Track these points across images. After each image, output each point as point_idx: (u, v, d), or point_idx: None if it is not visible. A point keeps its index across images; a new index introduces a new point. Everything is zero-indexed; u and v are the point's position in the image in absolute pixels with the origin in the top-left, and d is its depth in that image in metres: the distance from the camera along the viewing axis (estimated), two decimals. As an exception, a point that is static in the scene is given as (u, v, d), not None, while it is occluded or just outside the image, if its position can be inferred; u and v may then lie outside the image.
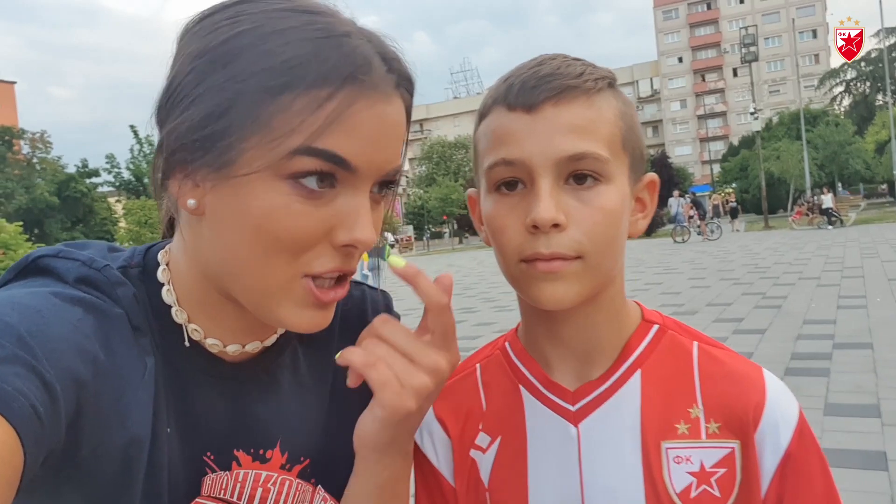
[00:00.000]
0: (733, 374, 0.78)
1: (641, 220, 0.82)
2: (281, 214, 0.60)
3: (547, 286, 0.72)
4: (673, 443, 0.75)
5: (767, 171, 39.93)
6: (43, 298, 0.59)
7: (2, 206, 41.74)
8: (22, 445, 0.48)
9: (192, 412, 0.70)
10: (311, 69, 0.59)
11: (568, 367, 0.81)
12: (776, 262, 15.15)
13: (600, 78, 0.75)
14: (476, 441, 0.84)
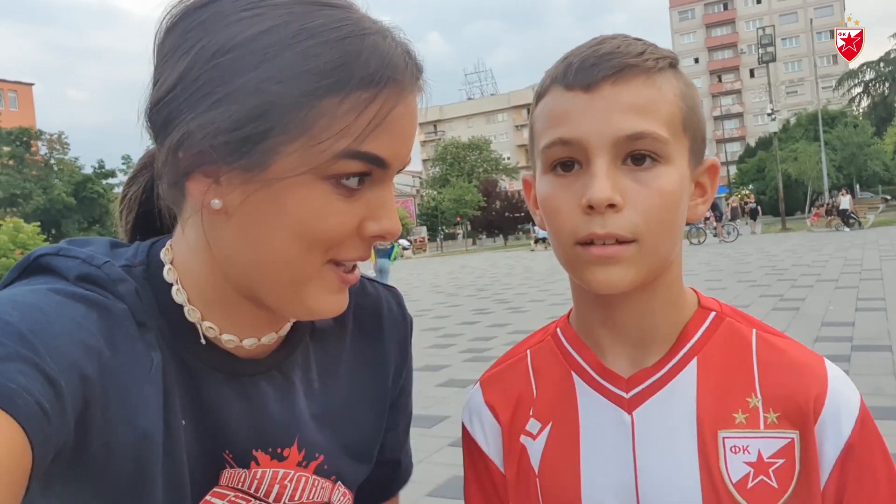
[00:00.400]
0: (794, 364, 0.76)
1: (701, 206, 0.79)
2: (322, 214, 0.61)
3: (602, 270, 0.71)
4: (730, 432, 0.74)
5: (785, 173, 39.65)
6: (43, 296, 0.59)
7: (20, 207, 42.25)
8: (29, 442, 0.48)
9: (207, 408, 0.70)
10: (355, 72, 0.59)
11: (622, 353, 0.79)
12: (794, 265, 15.01)
13: (661, 57, 0.73)
14: (526, 427, 0.83)
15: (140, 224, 0.80)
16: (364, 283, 0.88)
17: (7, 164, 43.57)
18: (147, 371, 0.64)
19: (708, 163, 0.79)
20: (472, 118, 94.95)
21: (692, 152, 0.75)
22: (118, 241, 0.75)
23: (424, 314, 12.26)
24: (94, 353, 0.58)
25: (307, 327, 0.80)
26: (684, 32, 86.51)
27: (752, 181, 51.77)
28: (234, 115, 0.58)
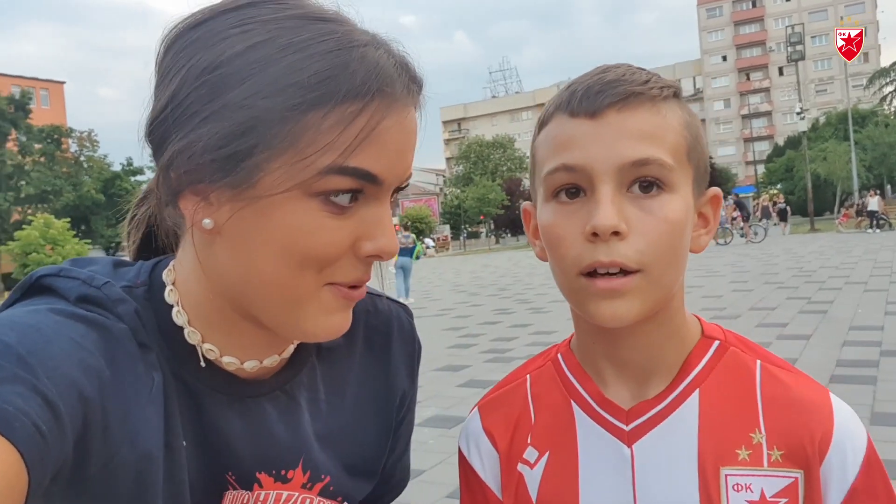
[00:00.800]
0: (799, 401, 0.74)
1: (704, 236, 0.78)
2: (311, 231, 0.60)
3: (607, 304, 0.69)
4: (733, 469, 0.72)
5: (814, 173, 39.01)
6: (43, 316, 0.59)
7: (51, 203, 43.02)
8: (26, 465, 0.48)
9: (209, 429, 0.69)
10: (341, 84, 0.58)
11: (623, 384, 0.78)
12: (822, 266, 14.78)
13: (665, 87, 0.73)
14: (524, 455, 0.81)
15: (146, 245, 0.80)
16: (375, 300, 0.86)
17: (38, 160, 44.40)
18: (148, 391, 0.63)
19: (710, 193, 0.78)
20: (497, 116, 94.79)
21: (696, 182, 0.74)
22: (121, 261, 0.75)
23: (446, 313, 12.26)
24: (94, 373, 0.58)
25: (313, 347, 0.79)
26: (712, 30, 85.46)
27: (780, 181, 51.04)
28: (220, 131, 0.58)
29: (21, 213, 43.17)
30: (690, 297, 11.42)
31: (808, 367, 6.07)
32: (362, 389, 0.82)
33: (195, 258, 0.66)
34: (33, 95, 47.50)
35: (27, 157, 44.07)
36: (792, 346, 6.90)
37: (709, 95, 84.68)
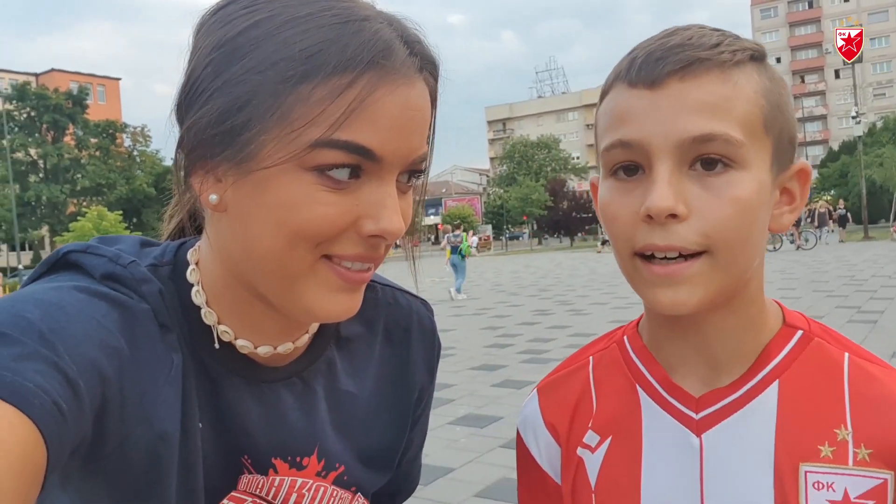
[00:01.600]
0: (892, 397, 0.67)
1: (788, 214, 0.71)
2: (305, 205, 0.59)
3: (666, 291, 0.64)
4: (813, 466, 0.66)
5: (869, 179, 37.85)
6: (66, 293, 0.59)
7: (105, 196, 44.36)
8: (45, 442, 0.48)
9: (226, 412, 0.70)
10: (331, 57, 0.57)
11: (693, 370, 0.73)
12: (874, 275, 14.30)
13: (740, 49, 0.65)
14: (584, 439, 0.78)
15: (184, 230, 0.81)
16: (397, 293, 0.86)
17: (94, 154, 45.86)
18: (167, 372, 0.64)
19: (797, 167, 0.71)
20: (542, 116, 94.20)
21: (776, 156, 0.67)
22: (148, 240, 0.75)
23: (484, 312, 12.24)
24: (114, 353, 0.58)
25: (332, 336, 0.79)
26: (766, 31, 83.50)
27: (833, 186, 49.68)
28: (221, 107, 0.59)
29: (76, 205, 44.66)
30: (735, 303, 11.20)
31: (854, 378, 5.91)
32: (381, 382, 0.82)
33: (208, 237, 0.68)
34: (90, 91, 49.11)
35: (83, 151, 45.60)
36: (838, 356, 6.69)
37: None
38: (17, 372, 0.49)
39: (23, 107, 44.31)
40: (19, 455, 0.46)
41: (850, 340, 0.74)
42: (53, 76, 54.70)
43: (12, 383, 0.48)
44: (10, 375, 0.49)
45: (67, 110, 44.75)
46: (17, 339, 0.52)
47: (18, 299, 0.57)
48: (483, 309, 12.86)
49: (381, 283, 0.86)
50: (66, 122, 44.85)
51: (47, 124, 44.63)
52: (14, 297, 0.58)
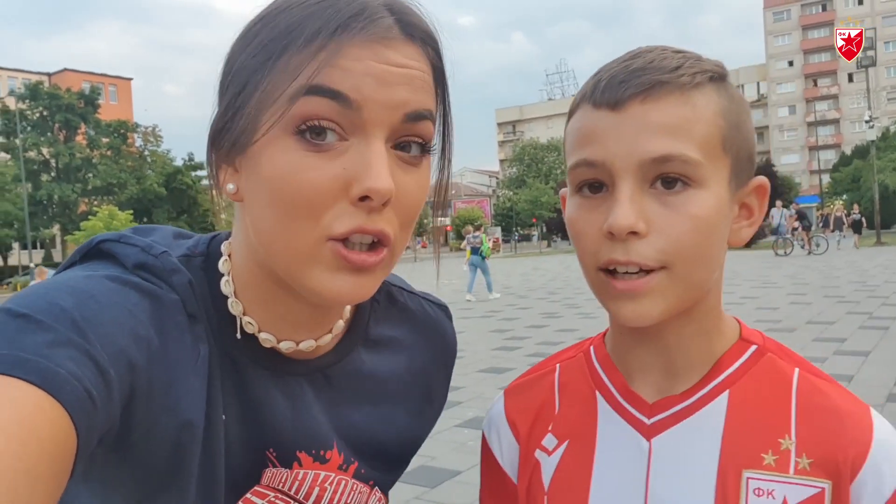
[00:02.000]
0: (836, 410, 0.70)
1: (746, 229, 0.75)
2: (292, 171, 0.59)
3: (628, 304, 0.67)
4: (756, 473, 0.68)
5: (882, 184, 37.62)
6: (98, 282, 0.61)
7: (115, 196, 44.60)
8: (75, 429, 0.49)
9: (253, 404, 0.70)
10: (307, 27, 0.60)
11: (650, 378, 0.76)
12: (886, 281, 14.18)
13: (700, 72, 0.68)
14: (542, 442, 0.80)
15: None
16: (423, 301, 0.89)
17: (105, 154, 46.11)
18: (193, 363, 0.65)
19: (755, 183, 0.74)
20: (552, 119, 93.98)
21: (735, 173, 0.70)
22: (182, 232, 0.77)
23: (493, 315, 12.22)
24: (144, 342, 0.60)
25: (361, 337, 0.80)
26: (778, 34, 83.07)
27: (846, 191, 49.33)
28: (227, 98, 0.63)
29: (87, 204, 44.93)
30: (745, 308, 11.14)
31: (865, 385, 5.86)
32: (403, 384, 0.84)
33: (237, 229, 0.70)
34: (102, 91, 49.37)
35: (95, 151, 45.85)
36: (849, 362, 6.63)
37: (773, 101, 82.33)
38: (50, 358, 0.50)
39: (35, 106, 44.62)
40: (52, 441, 0.47)
41: (803, 358, 0.76)
42: (66, 76, 55.09)
43: (46, 370, 0.49)
44: (44, 362, 0.50)
45: (79, 110, 45.03)
46: (51, 326, 0.53)
47: (52, 287, 0.58)
48: (492, 311, 12.84)
49: (408, 290, 0.89)
50: (77, 122, 45.12)
51: (59, 124, 44.92)
52: (48, 284, 0.59)
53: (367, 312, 0.82)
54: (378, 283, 0.66)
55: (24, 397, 0.47)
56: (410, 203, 0.64)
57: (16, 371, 0.48)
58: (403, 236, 0.65)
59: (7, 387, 0.47)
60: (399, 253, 0.67)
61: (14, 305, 0.54)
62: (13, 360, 0.49)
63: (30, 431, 0.46)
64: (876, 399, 5.33)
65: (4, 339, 0.51)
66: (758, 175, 0.74)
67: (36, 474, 0.45)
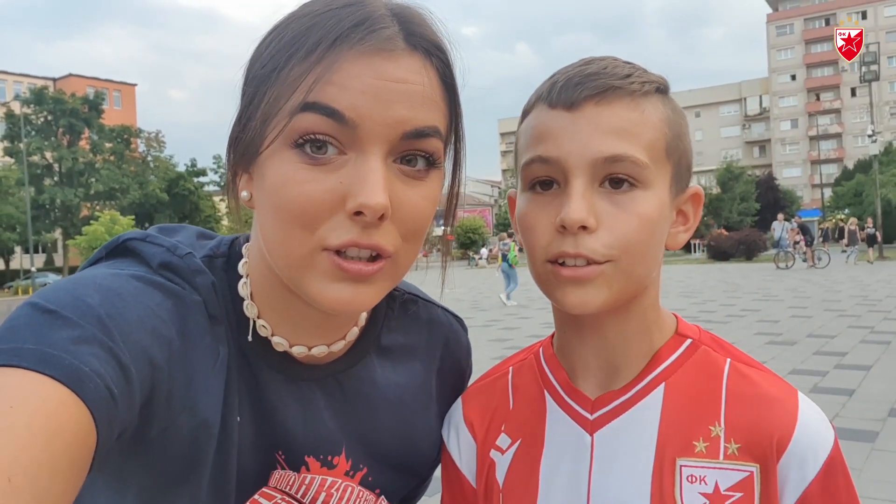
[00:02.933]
0: (763, 396, 0.73)
1: (682, 234, 0.79)
2: (289, 182, 0.60)
3: (574, 290, 0.70)
4: (688, 460, 0.72)
5: (884, 199, 37.61)
6: (124, 281, 0.62)
7: (118, 200, 44.65)
8: (95, 425, 0.50)
9: (266, 407, 0.71)
10: (309, 38, 0.60)
11: (592, 375, 0.79)
12: (888, 296, 14.14)
13: (648, 81, 0.73)
14: (497, 441, 0.83)
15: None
16: (438, 311, 0.89)
17: (108, 159, 46.19)
18: (213, 364, 0.66)
19: (692, 191, 0.78)
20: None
21: (675, 179, 0.74)
22: (205, 232, 0.78)
23: (493, 325, 12.19)
24: (165, 342, 0.61)
25: (373, 344, 0.80)
26: (781, 48, 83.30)
27: (847, 205, 49.31)
28: (240, 108, 0.65)
29: (90, 208, 44.98)
30: (745, 320, 11.12)
31: (867, 399, 5.83)
32: (417, 394, 0.84)
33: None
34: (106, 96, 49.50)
35: (98, 156, 45.94)
36: (851, 376, 6.60)
37: (775, 115, 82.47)
38: (75, 355, 0.51)
39: (40, 111, 44.77)
40: (74, 436, 0.48)
41: (738, 350, 0.79)
42: (71, 81, 55.31)
43: (70, 366, 0.50)
44: (69, 358, 0.51)
45: (83, 115, 45.16)
46: (77, 323, 0.54)
47: (80, 283, 0.59)
48: (492, 321, 12.81)
49: (424, 299, 0.89)
50: (81, 127, 45.24)
51: (63, 128, 45.04)
52: (75, 280, 0.60)
53: (381, 320, 0.82)
54: (380, 292, 0.65)
55: (48, 393, 0.48)
56: (413, 216, 0.64)
57: (42, 366, 0.49)
58: (409, 248, 0.65)
59: (33, 382, 0.48)
60: (406, 264, 0.67)
61: (42, 300, 0.55)
62: (40, 355, 0.50)
63: (54, 427, 0.46)
64: (878, 414, 5.30)
65: (32, 333, 0.52)
66: (759, 187, 0.76)
67: (57, 468, 0.46)
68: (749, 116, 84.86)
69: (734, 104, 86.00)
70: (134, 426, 0.57)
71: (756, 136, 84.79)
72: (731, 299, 14.56)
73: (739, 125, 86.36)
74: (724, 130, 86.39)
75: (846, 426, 4.96)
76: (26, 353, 0.50)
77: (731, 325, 10.67)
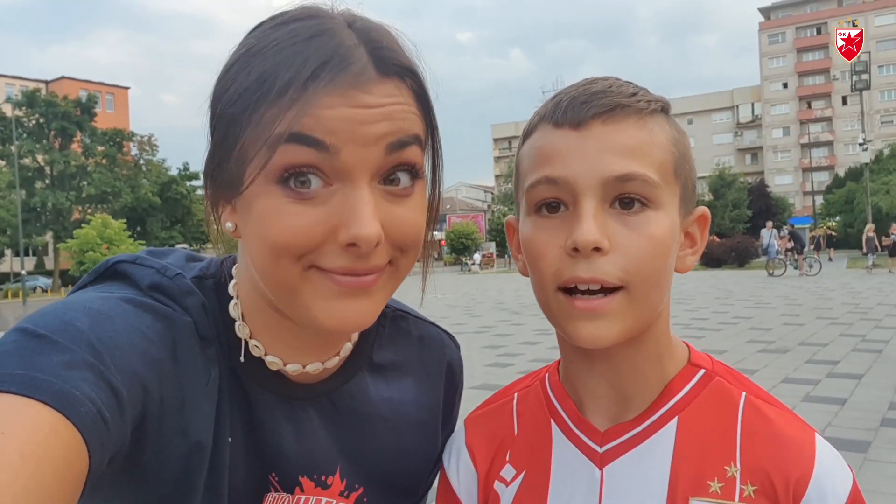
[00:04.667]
0: (780, 437, 0.70)
1: (690, 257, 0.76)
2: (275, 218, 0.60)
3: (587, 324, 0.67)
4: (702, 501, 0.69)
5: (875, 206, 37.78)
6: (114, 304, 0.62)
7: (110, 204, 44.47)
8: (87, 450, 0.50)
9: (258, 428, 0.71)
10: (279, 78, 0.59)
11: (602, 405, 0.76)
12: (880, 303, 14.20)
13: (653, 100, 0.71)
14: (501, 473, 0.80)
15: None
16: (429, 327, 0.89)
17: (100, 162, 46.01)
18: (204, 385, 0.66)
19: (698, 213, 0.76)
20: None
21: (683, 201, 0.72)
22: (195, 255, 0.78)
23: (486, 331, 12.16)
24: (156, 365, 0.61)
25: (365, 361, 0.80)
26: (773, 56, 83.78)
27: (839, 213, 49.56)
28: (214, 140, 0.64)
29: (81, 212, 44.75)
30: (738, 328, 11.13)
31: (858, 408, 5.83)
32: (410, 410, 0.83)
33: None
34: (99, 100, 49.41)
35: (90, 159, 45.79)
36: (842, 385, 6.61)
37: (767, 123, 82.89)
38: (65, 380, 0.51)
39: (32, 113, 44.55)
40: (65, 461, 0.48)
41: (751, 381, 0.77)
42: (63, 84, 55.06)
43: (61, 391, 0.50)
44: (60, 383, 0.50)
45: (76, 118, 44.96)
46: (67, 347, 0.53)
47: (69, 307, 0.59)
48: (485, 327, 12.78)
49: (414, 315, 0.88)
50: (73, 130, 45.03)
51: (55, 131, 44.83)
52: (65, 304, 0.60)
53: (372, 337, 0.81)
54: (380, 303, 0.65)
55: (40, 418, 0.48)
56: (406, 233, 0.64)
57: (33, 392, 0.49)
58: (406, 259, 0.66)
59: (24, 407, 0.48)
60: (406, 269, 0.67)
61: (31, 325, 0.55)
62: (30, 380, 0.50)
63: (45, 452, 0.46)
64: (870, 423, 5.30)
65: (22, 359, 0.51)
66: (751, 194, 0.75)
67: (49, 493, 0.46)
68: (741, 124, 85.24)
69: (726, 111, 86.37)
70: (126, 450, 0.57)
71: (748, 143, 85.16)
72: (723, 306, 14.58)
73: (731, 132, 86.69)
74: (716, 137, 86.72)
75: (838, 436, 4.95)
76: (16, 378, 0.50)
77: (723, 332, 10.68)
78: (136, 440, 0.58)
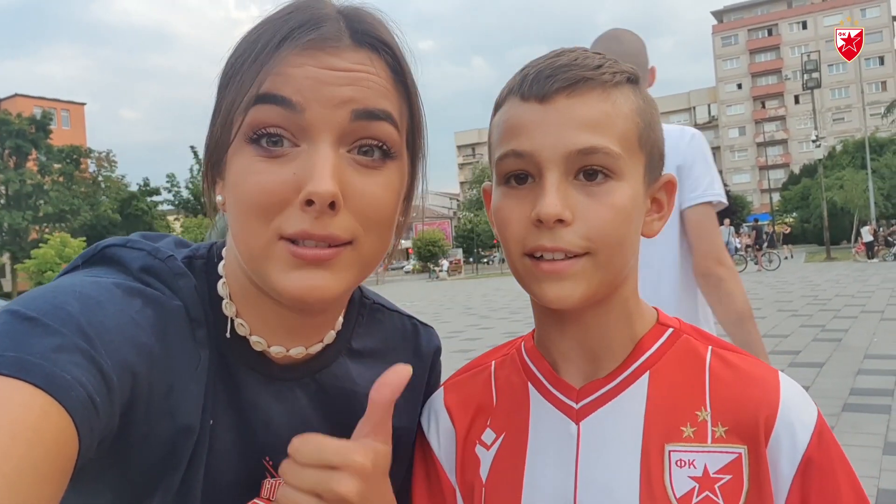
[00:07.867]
0: (746, 378, 0.74)
1: (657, 222, 0.79)
2: (246, 175, 0.62)
3: (553, 285, 0.71)
4: (676, 445, 0.72)
5: (830, 201, 38.82)
6: (104, 289, 0.62)
7: (68, 222, 43.48)
8: (77, 433, 0.50)
9: (249, 408, 0.71)
10: (258, 43, 0.64)
11: (576, 365, 0.79)
12: (837, 295, 14.60)
13: (619, 72, 0.73)
14: (482, 437, 0.83)
15: None
16: (403, 319, 0.91)
17: (57, 180, 44.97)
18: (193, 369, 0.66)
19: (664, 179, 0.78)
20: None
21: (648, 168, 0.75)
22: (184, 241, 0.79)
23: (455, 336, 12.19)
24: (146, 350, 0.61)
25: (343, 346, 0.81)
26: (727, 58, 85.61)
27: (795, 209, 50.79)
28: (212, 116, 0.67)
29: (38, 231, 43.67)
30: (703, 323, 11.31)
31: (820, 395, 5.99)
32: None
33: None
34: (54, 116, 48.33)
35: (46, 177, 44.68)
36: (804, 374, 6.79)
37: (724, 123, 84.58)
38: (56, 363, 0.51)
39: (-16, 132, 43.45)
40: (56, 444, 0.48)
41: (717, 338, 0.80)
42: (17, 101, 53.77)
43: (51, 374, 0.50)
44: (50, 366, 0.51)
45: (30, 136, 43.91)
46: (58, 331, 0.54)
47: (59, 291, 0.59)
48: (454, 332, 12.81)
49: (390, 308, 0.91)
50: (28, 148, 43.96)
51: (10, 150, 43.70)
52: (54, 287, 0.60)
53: (352, 325, 0.83)
54: (342, 281, 0.66)
55: (31, 400, 0.48)
56: (370, 205, 0.64)
57: (23, 374, 0.49)
58: (372, 238, 0.66)
59: (15, 389, 0.48)
60: (370, 253, 0.67)
61: (22, 308, 0.55)
62: (21, 363, 0.50)
63: (36, 435, 0.47)
64: (831, 409, 5.45)
65: (12, 341, 0.52)
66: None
67: (39, 476, 0.46)
68: (699, 125, 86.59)
69: (684, 113, 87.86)
70: (114, 433, 0.57)
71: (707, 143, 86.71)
72: (687, 303, 14.81)
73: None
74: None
75: (801, 421, 5.08)
76: (7, 360, 0.50)
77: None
78: (124, 424, 0.58)
